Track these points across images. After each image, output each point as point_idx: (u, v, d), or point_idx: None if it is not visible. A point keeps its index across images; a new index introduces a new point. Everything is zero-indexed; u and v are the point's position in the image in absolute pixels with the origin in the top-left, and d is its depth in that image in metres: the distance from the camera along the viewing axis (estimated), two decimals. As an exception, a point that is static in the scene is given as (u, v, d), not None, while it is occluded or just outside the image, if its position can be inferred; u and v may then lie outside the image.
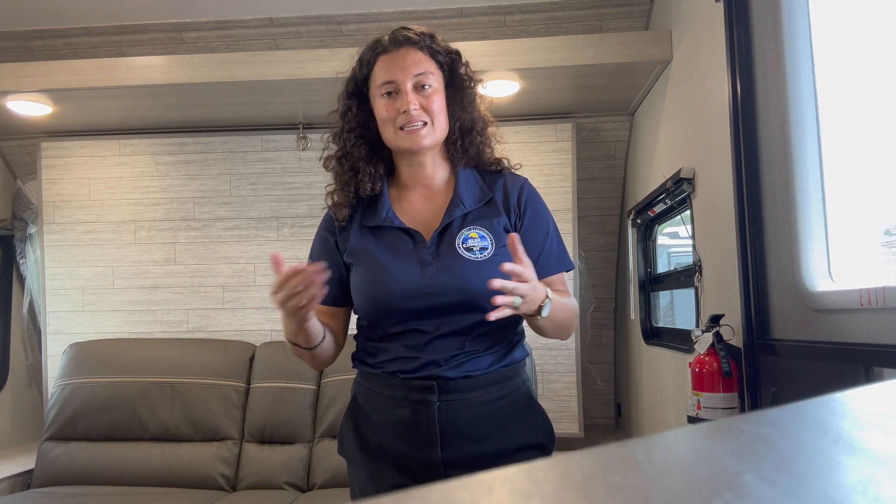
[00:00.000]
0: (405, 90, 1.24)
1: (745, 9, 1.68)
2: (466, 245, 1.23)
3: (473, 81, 1.33)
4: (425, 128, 1.24)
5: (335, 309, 1.33)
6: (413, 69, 1.24)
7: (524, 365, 1.33)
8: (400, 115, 1.24)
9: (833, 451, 0.30)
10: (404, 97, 1.23)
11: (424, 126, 1.24)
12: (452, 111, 1.30)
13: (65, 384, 2.70)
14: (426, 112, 1.24)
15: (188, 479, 2.52)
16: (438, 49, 1.29)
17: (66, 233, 3.01)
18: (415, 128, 1.23)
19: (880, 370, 1.20)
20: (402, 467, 1.24)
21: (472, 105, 1.32)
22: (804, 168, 1.47)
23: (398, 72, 1.25)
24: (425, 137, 1.25)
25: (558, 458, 0.29)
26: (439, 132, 1.27)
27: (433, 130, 1.25)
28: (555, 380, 2.86)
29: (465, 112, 1.30)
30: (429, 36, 1.29)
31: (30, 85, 2.50)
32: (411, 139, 1.24)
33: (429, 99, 1.25)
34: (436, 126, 1.26)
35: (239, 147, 2.99)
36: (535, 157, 2.86)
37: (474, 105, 1.32)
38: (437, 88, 1.27)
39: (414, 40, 1.26)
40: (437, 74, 1.28)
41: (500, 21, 2.78)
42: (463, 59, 1.33)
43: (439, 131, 1.27)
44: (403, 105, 1.23)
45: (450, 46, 1.32)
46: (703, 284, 2.07)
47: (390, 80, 1.25)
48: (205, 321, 2.97)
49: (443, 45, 1.30)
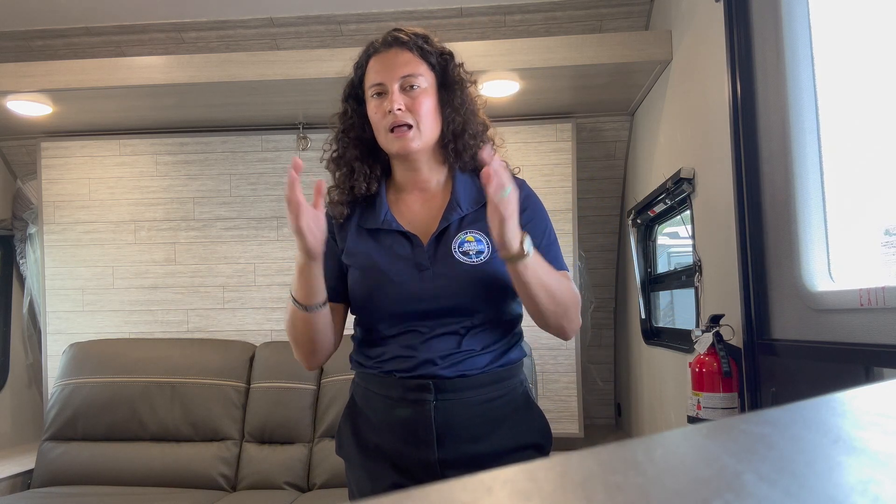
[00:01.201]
0: (391, 90, 1.23)
1: (745, 9, 1.68)
2: (463, 249, 1.23)
3: (467, 83, 1.31)
4: (411, 130, 1.23)
5: (333, 305, 1.31)
6: (400, 70, 1.24)
7: (521, 365, 1.33)
8: (387, 116, 1.23)
9: (833, 451, 0.30)
10: (390, 96, 1.23)
11: (410, 129, 1.23)
12: (444, 113, 1.28)
13: (65, 384, 2.70)
14: (412, 113, 1.23)
15: (188, 479, 2.52)
16: (430, 50, 1.27)
17: (66, 233, 3.01)
18: (401, 131, 1.23)
19: (880, 370, 1.21)
20: (399, 467, 1.24)
21: (464, 107, 1.29)
22: (804, 168, 1.47)
23: (386, 72, 1.24)
24: (412, 140, 1.23)
25: (558, 458, 0.29)
26: (427, 135, 1.25)
27: (419, 133, 1.24)
28: (555, 380, 2.86)
29: (457, 114, 1.28)
30: (421, 37, 1.27)
31: (30, 85, 2.50)
32: (399, 142, 1.23)
33: (416, 100, 1.23)
34: (422, 128, 1.24)
35: (239, 147, 3.00)
36: (535, 157, 2.86)
37: (468, 107, 1.30)
38: (426, 89, 1.25)
39: (403, 41, 1.26)
40: (427, 76, 1.26)
41: (500, 21, 2.78)
42: (457, 61, 1.31)
43: (427, 134, 1.25)
44: (389, 104, 1.22)
45: (444, 47, 1.30)
46: (703, 284, 2.07)
47: (379, 82, 1.25)
48: (205, 321, 2.97)
49: (436, 46, 1.29)
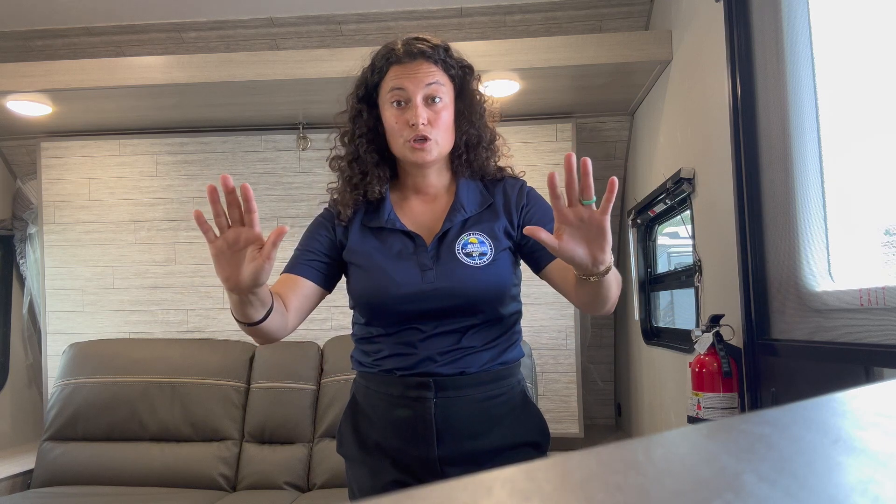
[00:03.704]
0: (415, 103, 1.23)
1: (745, 9, 1.68)
2: (466, 251, 1.23)
3: (484, 97, 1.33)
4: (430, 143, 1.24)
5: (304, 282, 1.26)
6: (425, 80, 1.24)
7: (519, 365, 1.34)
8: (408, 128, 1.23)
9: (833, 451, 0.30)
10: (414, 110, 1.23)
11: (429, 141, 1.24)
12: (459, 125, 1.29)
13: (65, 384, 2.70)
14: (433, 127, 1.24)
15: (188, 479, 2.52)
16: (451, 63, 1.28)
17: (66, 233, 3.01)
18: (421, 143, 1.23)
19: (880, 370, 1.21)
20: (399, 464, 1.25)
21: (480, 120, 1.31)
22: (804, 168, 1.47)
23: (410, 82, 1.24)
24: (430, 153, 1.24)
25: (558, 458, 0.29)
26: (444, 147, 1.27)
27: (437, 145, 1.25)
28: (555, 380, 2.86)
29: (472, 127, 1.30)
30: (443, 48, 1.28)
31: (30, 85, 2.50)
32: (417, 154, 1.24)
33: (438, 114, 1.24)
34: (441, 141, 1.25)
35: (239, 147, 3.00)
36: (535, 157, 2.86)
37: (483, 120, 1.32)
38: (447, 103, 1.27)
39: (428, 53, 1.25)
40: (447, 87, 1.27)
41: (500, 21, 2.78)
42: (475, 74, 1.32)
43: (444, 146, 1.27)
44: (413, 118, 1.22)
45: (463, 60, 1.31)
46: (703, 284, 2.07)
47: (400, 88, 1.24)
48: (205, 321, 2.97)
49: (456, 58, 1.30)
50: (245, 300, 1.06)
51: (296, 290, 1.24)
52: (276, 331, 1.16)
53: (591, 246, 1.00)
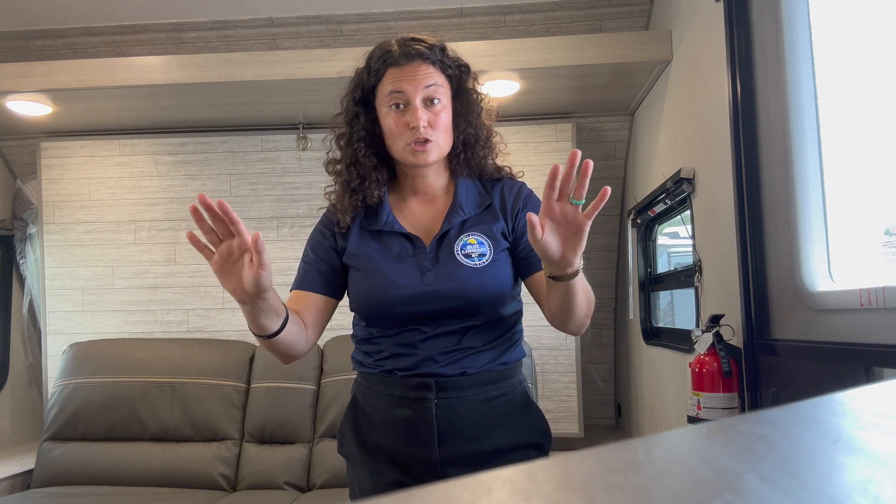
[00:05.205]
0: (415, 106, 1.23)
1: (745, 9, 1.68)
2: (465, 252, 1.23)
3: (480, 95, 1.32)
4: (431, 144, 1.24)
5: (314, 296, 1.29)
6: (424, 82, 1.23)
7: (521, 365, 1.33)
8: (409, 131, 1.23)
9: (833, 451, 0.30)
10: (414, 113, 1.22)
11: (430, 143, 1.24)
12: (457, 124, 1.29)
13: (65, 384, 2.70)
14: (433, 129, 1.24)
15: (188, 479, 2.52)
16: (448, 63, 1.28)
17: (66, 233, 3.01)
18: (422, 145, 1.23)
19: (880, 370, 1.20)
20: (400, 465, 1.25)
21: (478, 119, 1.31)
22: (804, 168, 1.47)
23: (408, 85, 1.23)
24: (430, 154, 1.24)
25: (558, 458, 0.29)
26: (444, 148, 1.27)
27: (437, 147, 1.25)
28: (555, 380, 2.86)
29: (469, 126, 1.30)
30: (439, 48, 1.27)
31: (30, 85, 2.50)
32: (419, 157, 1.24)
33: (437, 115, 1.24)
34: (441, 143, 1.25)
35: (239, 147, 3.00)
36: (535, 157, 2.86)
37: (480, 119, 1.32)
38: (446, 104, 1.26)
39: (426, 55, 1.25)
40: (445, 87, 1.27)
41: (500, 21, 2.78)
42: (472, 73, 1.32)
43: (444, 147, 1.27)
44: (413, 121, 1.22)
45: (460, 59, 1.31)
46: (703, 284, 2.07)
47: (399, 91, 1.23)
48: (205, 321, 2.97)
49: (452, 58, 1.29)
50: (256, 309, 1.09)
51: (308, 306, 1.28)
52: (295, 342, 1.21)
53: (564, 244, 1.03)
